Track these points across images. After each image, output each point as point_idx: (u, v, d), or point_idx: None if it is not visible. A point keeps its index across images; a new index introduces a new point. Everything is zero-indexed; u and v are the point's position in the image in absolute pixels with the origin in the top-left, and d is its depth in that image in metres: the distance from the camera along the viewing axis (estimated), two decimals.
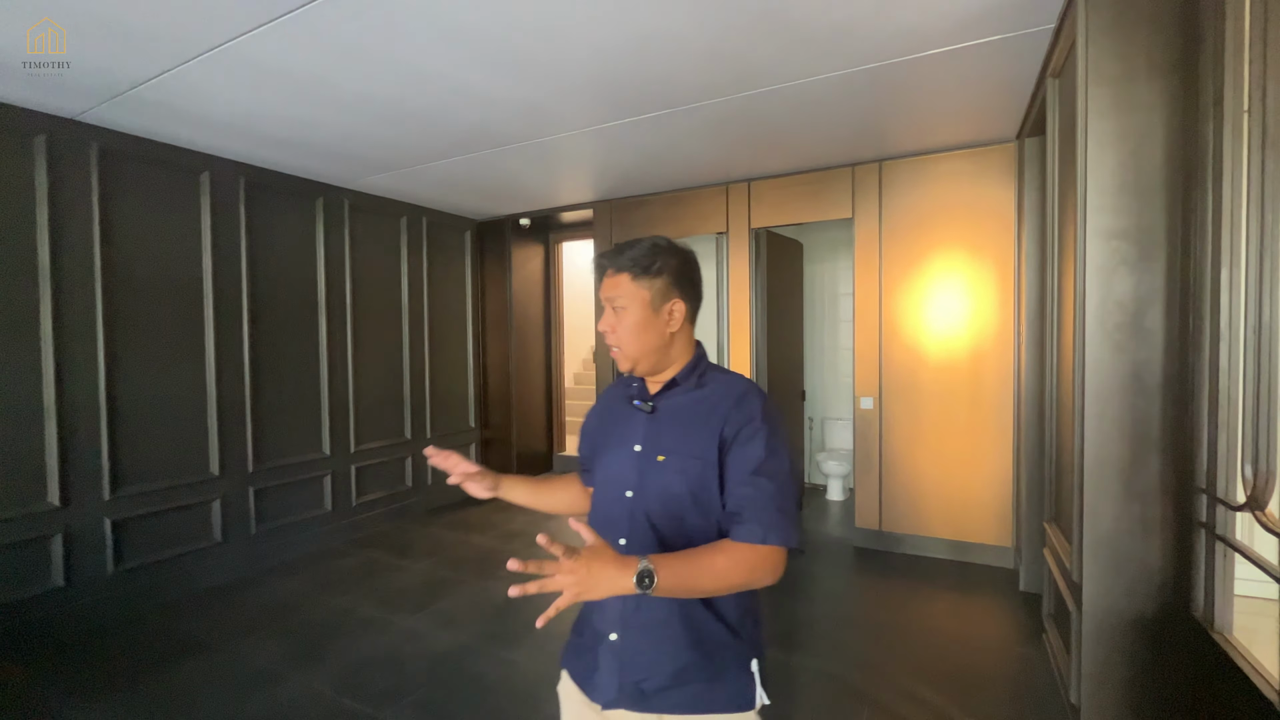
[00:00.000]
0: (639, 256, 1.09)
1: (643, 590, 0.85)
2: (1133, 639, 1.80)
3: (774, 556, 0.97)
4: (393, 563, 3.81)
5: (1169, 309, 1.74)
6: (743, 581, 0.96)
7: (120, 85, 2.61)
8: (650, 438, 1.10)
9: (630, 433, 1.13)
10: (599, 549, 0.87)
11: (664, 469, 1.07)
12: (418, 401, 4.91)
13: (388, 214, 4.68)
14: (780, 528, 0.97)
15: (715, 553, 0.95)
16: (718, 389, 1.10)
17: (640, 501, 1.08)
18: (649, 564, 0.87)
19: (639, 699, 1.05)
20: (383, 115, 3.00)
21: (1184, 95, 1.69)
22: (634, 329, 1.09)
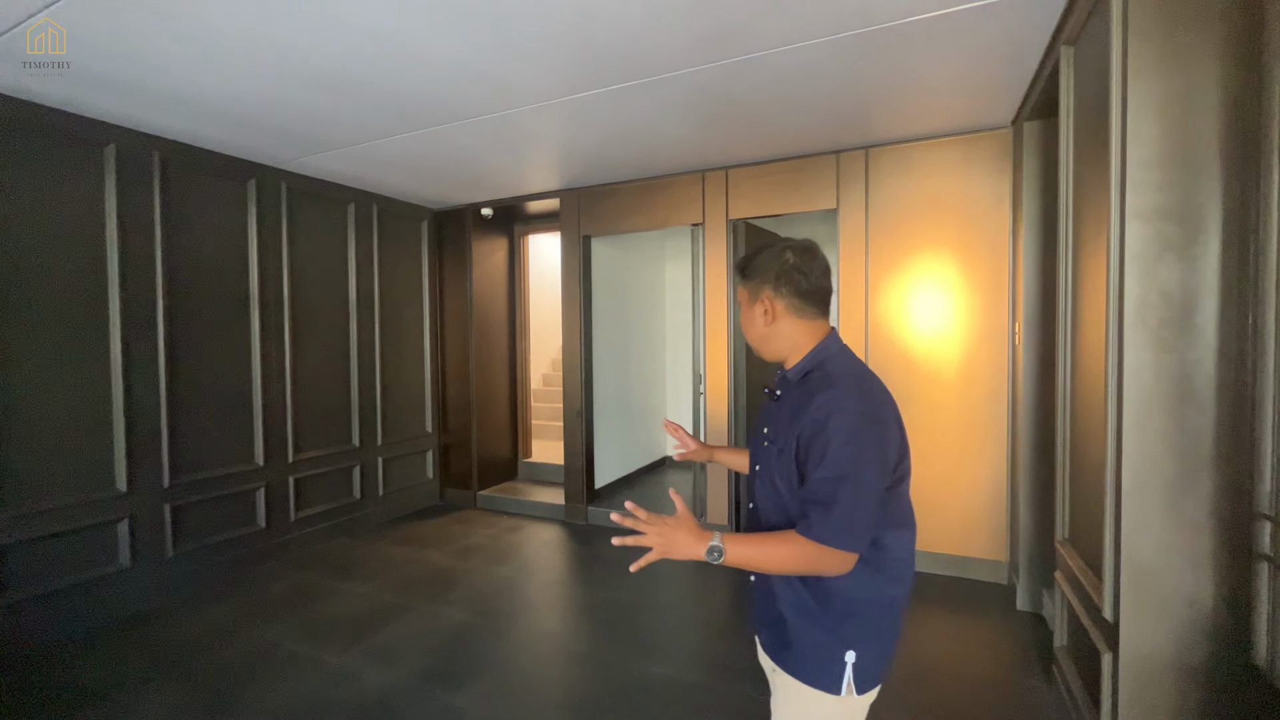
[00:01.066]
0: (744, 259, 1.26)
1: (712, 561, 1.05)
2: (1179, 691, 1.54)
3: (829, 552, 1.05)
4: (331, 586, 3.40)
5: (1224, 302, 1.47)
6: (807, 569, 1.07)
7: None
8: (770, 422, 1.25)
9: (765, 413, 1.30)
10: (683, 518, 1.08)
11: (768, 453, 1.20)
12: (367, 406, 4.49)
13: (332, 200, 4.26)
14: (833, 529, 1.04)
15: (780, 542, 1.07)
16: (812, 388, 1.14)
17: (758, 477, 1.24)
18: (720, 541, 1.05)
19: (761, 631, 1.25)
20: (321, 81, 2.61)
21: (1243, 46, 1.42)
22: (742, 324, 1.28)
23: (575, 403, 4.63)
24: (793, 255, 1.20)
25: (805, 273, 1.18)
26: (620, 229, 4.44)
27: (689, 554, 1.05)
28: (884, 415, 1.10)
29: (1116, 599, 1.60)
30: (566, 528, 4.52)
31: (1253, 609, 1.43)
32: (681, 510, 1.10)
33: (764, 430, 1.26)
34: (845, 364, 1.17)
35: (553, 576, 3.61)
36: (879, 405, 1.11)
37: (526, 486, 5.38)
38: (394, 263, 4.74)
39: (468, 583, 3.45)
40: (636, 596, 3.27)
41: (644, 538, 1.06)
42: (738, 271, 1.27)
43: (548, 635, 2.86)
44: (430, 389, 5.07)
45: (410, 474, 4.93)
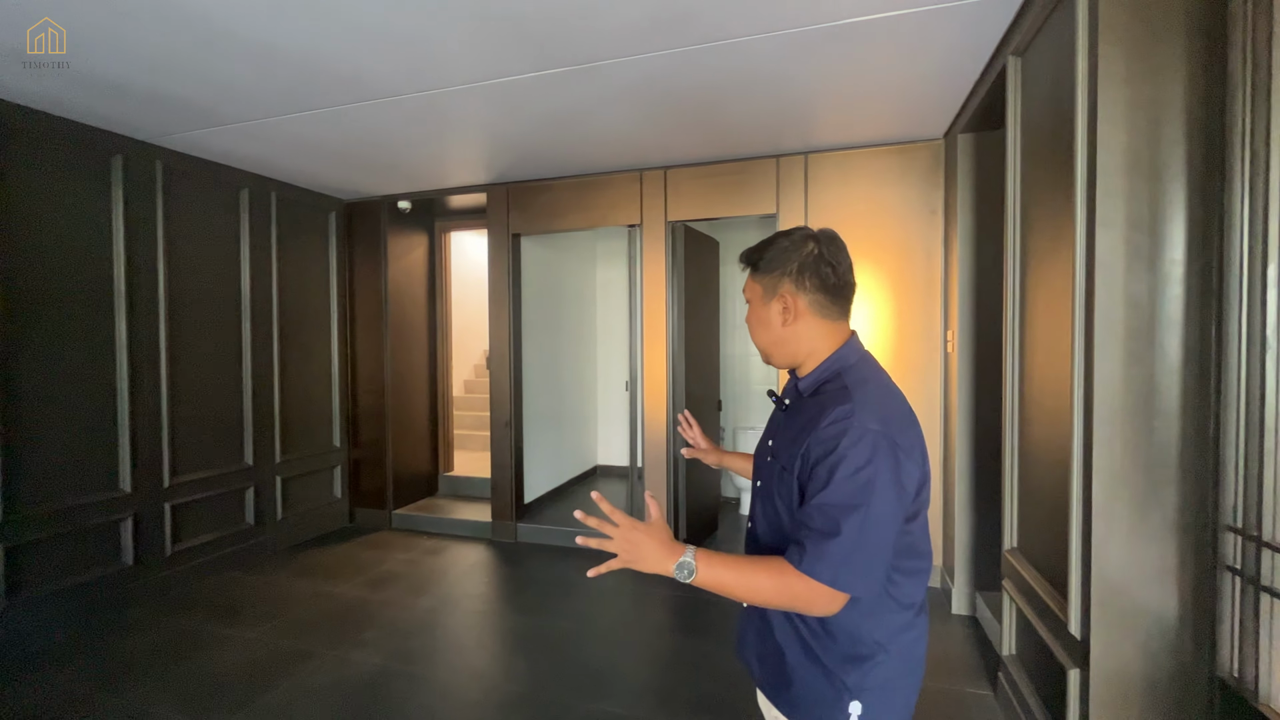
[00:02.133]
0: (752, 252, 1.09)
1: (680, 579, 0.92)
2: (1147, 706, 1.52)
3: (819, 589, 0.90)
4: (216, 632, 2.92)
5: (1189, 312, 1.47)
6: (789, 605, 0.93)
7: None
8: (776, 434, 1.11)
9: (772, 423, 1.16)
10: (655, 527, 0.95)
11: (770, 469, 1.08)
12: (263, 418, 3.97)
13: (222, 184, 3.72)
14: (827, 562, 0.89)
15: (763, 569, 0.93)
16: (826, 401, 0.98)
17: (758, 494, 1.12)
18: (692, 557, 0.92)
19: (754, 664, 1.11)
20: (207, 40, 2.20)
21: (1208, 58, 1.42)
22: (753, 324, 1.11)
23: (504, 412, 4.32)
24: (816, 245, 1.03)
25: (833, 265, 1.03)
26: (553, 228, 4.19)
27: (656, 567, 0.92)
28: (908, 439, 0.95)
29: (1086, 615, 1.57)
30: (494, 547, 4.20)
31: (1218, 622, 1.42)
32: (655, 516, 0.98)
33: (769, 443, 1.12)
34: (866, 374, 1.02)
35: (481, 605, 3.29)
36: (903, 426, 0.96)
37: (448, 503, 4.98)
38: (296, 257, 4.23)
39: (382, 619, 3.07)
40: (576, 624, 3.04)
41: (609, 541, 0.94)
42: (747, 263, 1.09)
43: (478, 676, 2.57)
44: (338, 398, 4.57)
45: (315, 494, 4.42)
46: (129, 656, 2.69)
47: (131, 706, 2.32)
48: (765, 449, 1.13)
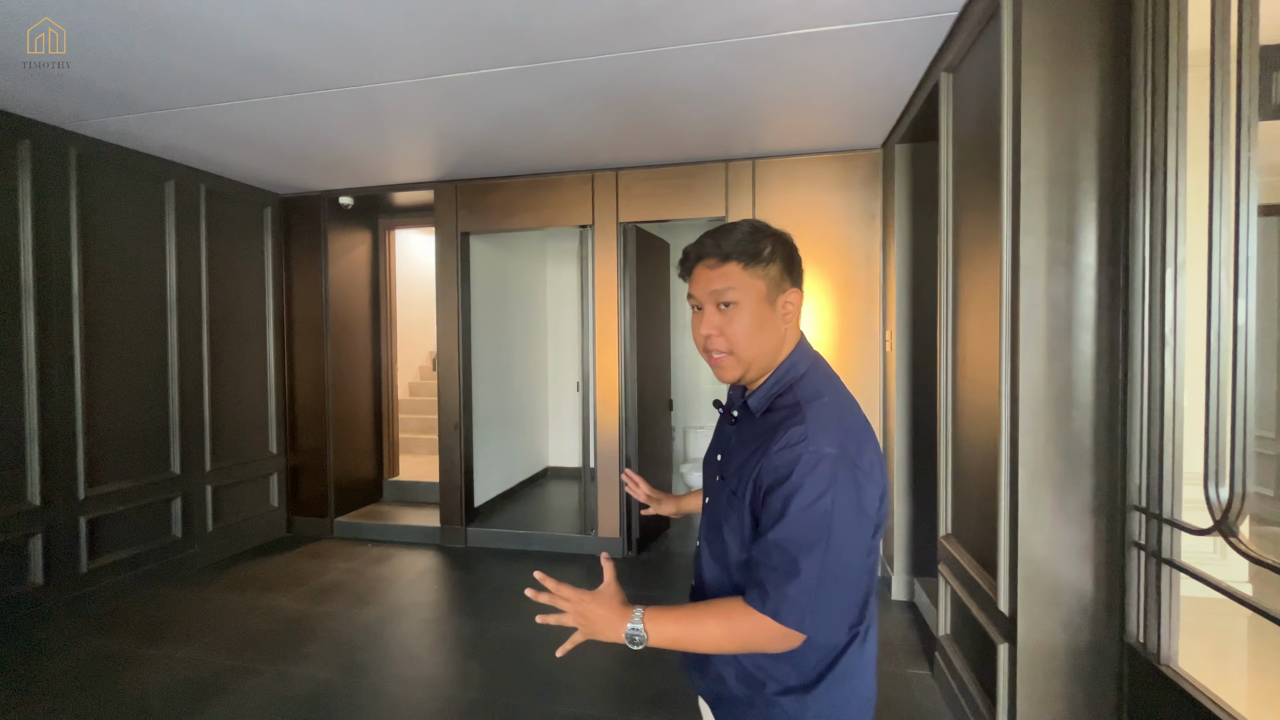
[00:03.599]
0: (746, 241, 0.92)
1: (633, 648, 0.87)
2: (1069, 675, 1.65)
3: (774, 630, 0.84)
4: (140, 653, 2.73)
5: (1100, 313, 1.61)
6: (745, 648, 0.87)
7: None
8: (724, 449, 1.02)
9: (719, 440, 1.08)
10: (604, 594, 0.90)
11: (719, 490, 0.99)
12: (192, 424, 3.74)
13: (144, 175, 3.49)
14: (790, 606, 0.82)
15: (712, 618, 0.87)
16: (777, 420, 0.90)
17: (706, 512, 1.04)
18: (640, 623, 0.87)
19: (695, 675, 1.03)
20: (116, 12, 2.06)
21: (1117, 79, 1.57)
22: (750, 328, 0.93)
23: (452, 414, 4.23)
24: (790, 237, 0.97)
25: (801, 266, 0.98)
26: (503, 227, 4.14)
27: (610, 636, 0.87)
28: (867, 458, 0.87)
29: (1014, 593, 1.69)
30: (444, 553, 4.11)
31: (1127, 593, 1.56)
32: (607, 580, 0.93)
33: (717, 458, 1.03)
34: (820, 384, 0.93)
35: (431, 612, 3.22)
36: (861, 444, 0.87)
37: (394, 509, 4.83)
38: (228, 254, 4.01)
39: (325, 631, 2.96)
40: (530, 627, 3.01)
41: (564, 616, 0.91)
42: (746, 255, 0.91)
43: (431, 685, 2.51)
44: (275, 403, 4.36)
45: (249, 503, 4.20)
46: (39, 682, 2.48)
47: None
48: (714, 465, 1.04)
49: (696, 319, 0.97)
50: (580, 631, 0.90)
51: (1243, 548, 1.21)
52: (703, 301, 0.95)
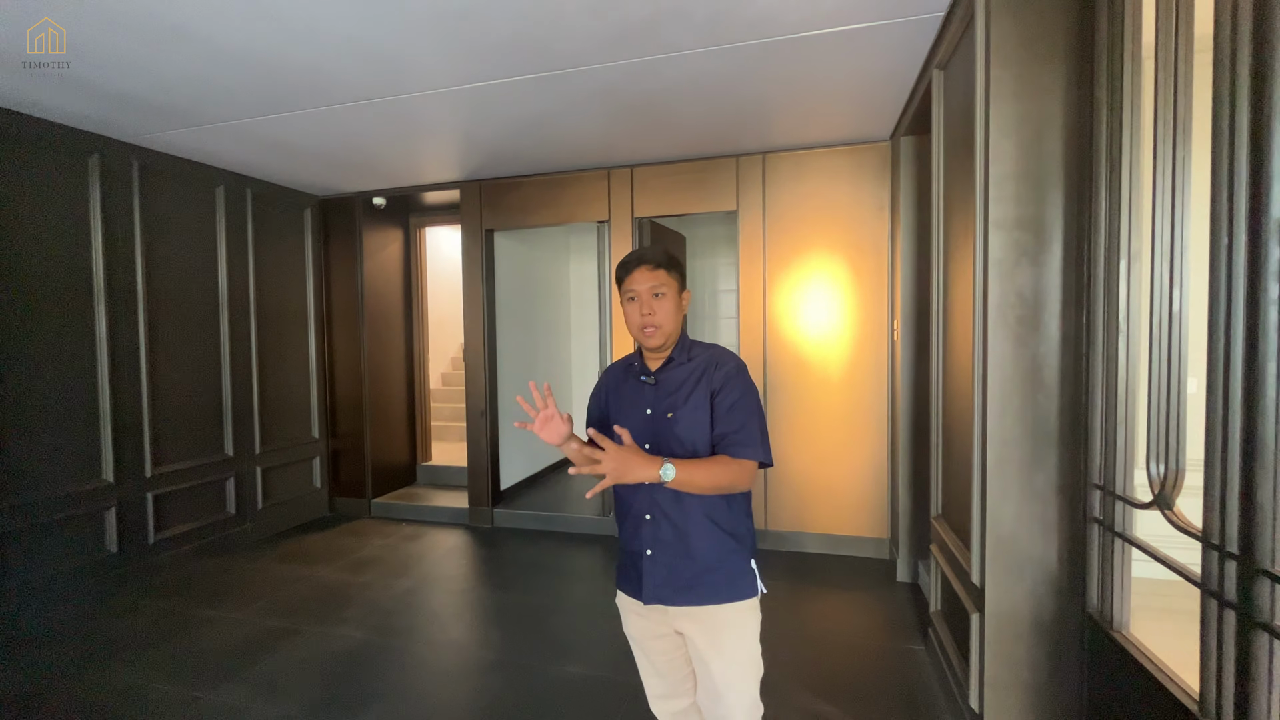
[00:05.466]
0: (668, 257, 1.43)
1: (665, 479, 1.23)
2: (1035, 642, 1.76)
3: (752, 469, 1.35)
4: (202, 614, 3.06)
5: (1065, 302, 1.70)
6: (733, 485, 1.32)
7: None
8: (657, 402, 1.42)
9: (639, 400, 1.44)
10: (631, 446, 1.25)
11: (674, 423, 1.39)
12: (242, 410, 4.07)
13: (198, 182, 3.81)
14: (760, 448, 1.35)
15: (715, 462, 1.31)
16: (701, 359, 1.43)
17: (658, 450, 1.39)
18: (670, 465, 1.24)
19: (669, 596, 1.39)
20: (186, 44, 2.31)
21: (1081, 80, 1.65)
22: (672, 311, 1.41)
23: (479, 402, 4.48)
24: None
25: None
26: (525, 223, 4.35)
27: (642, 476, 1.22)
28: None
29: (983, 564, 1.80)
30: (471, 532, 4.37)
31: (1087, 566, 1.66)
32: (628, 440, 1.27)
33: (646, 413, 1.42)
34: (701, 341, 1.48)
35: (458, 585, 3.47)
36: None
37: (427, 491, 5.13)
38: (273, 253, 4.33)
39: (364, 599, 3.24)
40: (548, 599, 3.23)
41: (598, 465, 1.21)
42: (669, 265, 1.41)
43: (456, 647, 2.75)
44: (316, 391, 4.69)
45: (294, 484, 4.54)
46: (116, 638, 2.82)
47: (120, 682, 2.46)
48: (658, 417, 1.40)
49: (632, 307, 1.42)
50: (611, 476, 1.20)
51: (1176, 519, 1.32)
52: (640, 294, 1.40)
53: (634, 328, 1.41)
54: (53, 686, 2.42)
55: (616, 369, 1.55)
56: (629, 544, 1.45)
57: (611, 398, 1.52)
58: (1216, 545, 1.16)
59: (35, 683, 2.45)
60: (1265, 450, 1.04)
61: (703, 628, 1.39)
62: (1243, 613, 1.09)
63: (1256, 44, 1.05)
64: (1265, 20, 1.03)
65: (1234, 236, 1.10)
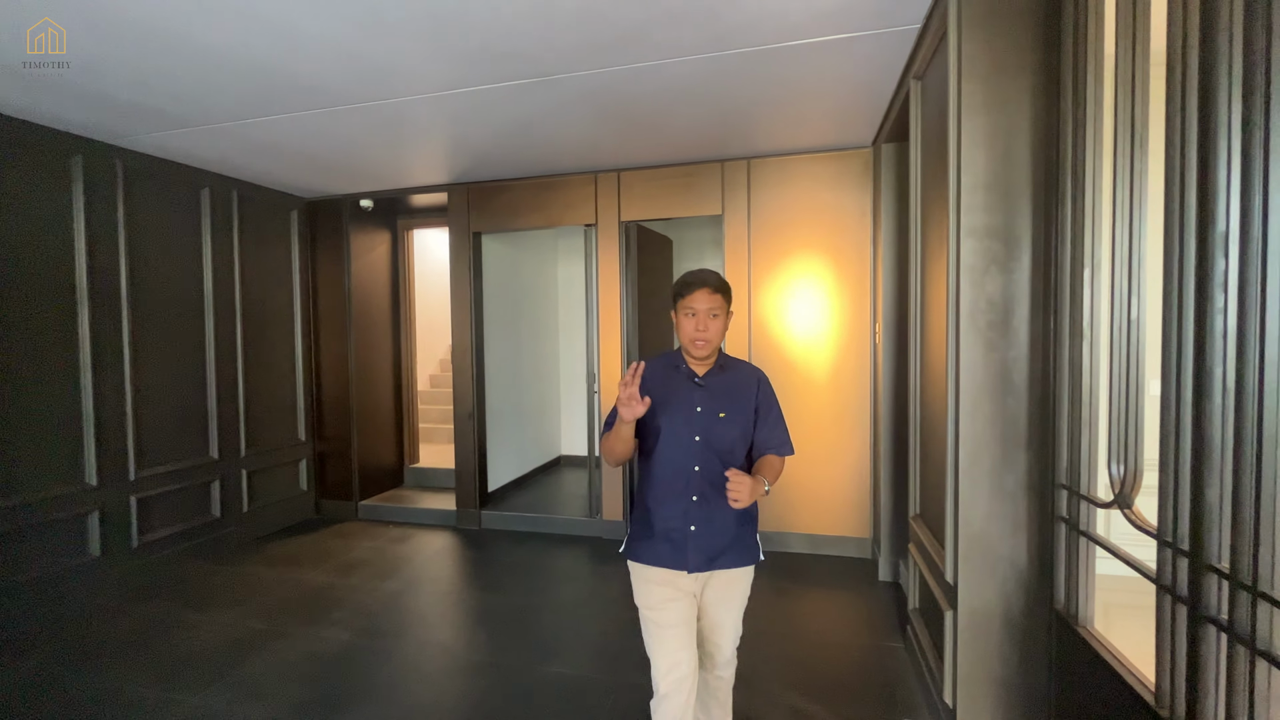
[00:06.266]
0: (725, 284, 1.66)
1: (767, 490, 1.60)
2: (1005, 637, 1.82)
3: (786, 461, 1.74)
4: (186, 618, 3.05)
5: (1034, 308, 1.76)
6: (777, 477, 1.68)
7: None
8: (707, 402, 1.67)
9: (688, 398, 1.67)
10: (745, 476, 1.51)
11: (726, 422, 1.66)
12: (227, 412, 4.06)
13: (183, 184, 3.80)
14: (791, 448, 1.73)
15: (772, 467, 1.66)
16: (741, 374, 1.74)
17: (708, 442, 1.66)
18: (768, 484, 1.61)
19: (709, 563, 1.66)
20: (171, 47, 2.32)
21: (1048, 94, 1.71)
22: (720, 330, 1.66)
23: (466, 404, 4.49)
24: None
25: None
26: (512, 226, 4.37)
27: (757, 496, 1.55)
28: None
29: (956, 563, 1.86)
30: (459, 534, 4.38)
31: (1054, 563, 1.72)
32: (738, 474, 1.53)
33: (697, 409, 1.66)
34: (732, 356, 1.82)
35: (445, 586, 3.48)
36: None
37: (414, 494, 5.13)
38: (259, 255, 4.32)
39: (350, 601, 3.24)
40: (536, 600, 3.26)
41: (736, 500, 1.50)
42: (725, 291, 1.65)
43: (442, 648, 2.77)
44: (303, 393, 4.68)
45: (280, 486, 4.53)
46: (99, 641, 2.81)
47: (104, 685, 2.45)
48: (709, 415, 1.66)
49: (689, 321, 1.64)
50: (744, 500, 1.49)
51: (1134, 518, 1.37)
52: (699, 312, 1.62)
53: (686, 338, 1.65)
54: (34, 692, 2.41)
55: (657, 365, 1.74)
56: (669, 523, 1.65)
57: (655, 389, 1.68)
58: (1169, 542, 1.21)
59: (17, 687, 2.44)
60: (1213, 451, 1.09)
61: (724, 585, 1.70)
62: (1193, 607, 1.14)
63: (1203, 65, 1.10)
64: (1210, 43, 1.08)
65: (1184, 247, 1.15)
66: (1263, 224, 0.98)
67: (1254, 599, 0.99)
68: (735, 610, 1.72)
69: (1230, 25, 1.04)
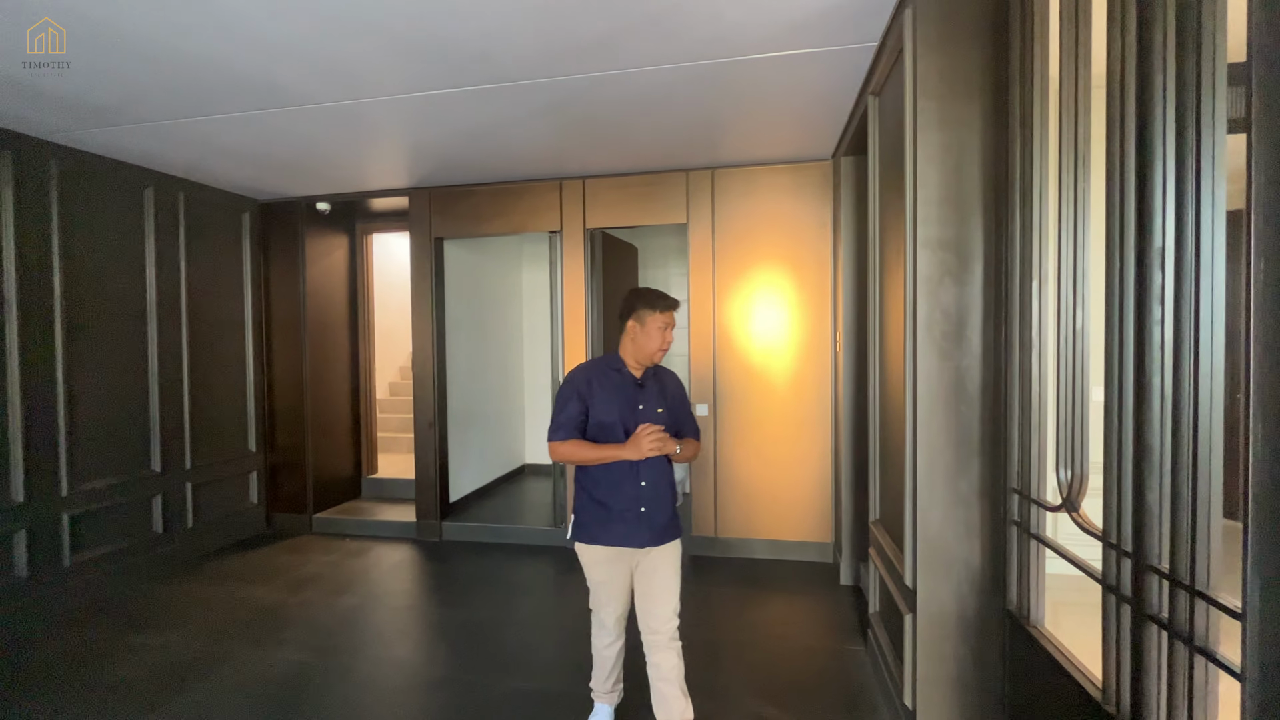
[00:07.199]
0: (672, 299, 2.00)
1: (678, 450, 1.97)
2: (960, 639, 1.86)
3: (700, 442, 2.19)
4: (124, 641, 2.87)
5: (985, 318, 1.82)
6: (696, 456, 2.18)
7: None
8: (647, 401, 2.01)
9: (632, 398, 2.00)
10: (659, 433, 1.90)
11: (662, 417, 2.02)
12: (171, 423, 3.86)
13: (124, 184, 3.61)
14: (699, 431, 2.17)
15: (692, 442, 2.06)
16: (666, 377, 2.13)
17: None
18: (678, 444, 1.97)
19: (656, 539, 1.97)
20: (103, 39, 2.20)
21: (997, 114, 1.78)
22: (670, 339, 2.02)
23: (427, 413, 4.39)
24: None
25: None
26: (476, 232, 4.31)
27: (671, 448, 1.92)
28: None
29: (915, 567, 1.90)
30: (419, 546, 4.27)
31: (1007, 566, 1.77)
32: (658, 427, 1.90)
33: (639, 407, 2.00)
34: None
35: (404, 601, 3.38)
36: None
37: (372, 505, 4.98)
38: (207, 259, 4.14)
39: (303, 619, 3.11)
40: (497, 613, 3.19)
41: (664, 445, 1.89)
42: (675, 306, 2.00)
43: (400, 665, 2.68)
44: (254, 402, 4.49)
45: (229, 500, 4.33)
46: (25, 669, 2.62)
47: (34, 716, 2.29)
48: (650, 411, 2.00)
49: (660, 334, 1.97)
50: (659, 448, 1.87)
51: (1081, 520, 1.42)
52: (668, 326, 1.98)
53: (653, 346, 1.97)
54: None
55: (597, 369, 2.04)
56: (623, 505, 1.94)
57: (599, 390, 1.98)
58: (1113, 544, 1.26)
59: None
60: (1153, 456, 1.14)
61: (666, 555, 1.99)
62: (1136, 606, 1.19)
63: (1140, 90, 1.16)
64: (1146, 67, 1.14)
65: (1124, 262, 1.21)
66: (1195, 240, 1.04)
67: (1192, 598, 1.04)
68: (676, 575, 1.99)
69: (1164, 51, 1.10)
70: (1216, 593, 1.01)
